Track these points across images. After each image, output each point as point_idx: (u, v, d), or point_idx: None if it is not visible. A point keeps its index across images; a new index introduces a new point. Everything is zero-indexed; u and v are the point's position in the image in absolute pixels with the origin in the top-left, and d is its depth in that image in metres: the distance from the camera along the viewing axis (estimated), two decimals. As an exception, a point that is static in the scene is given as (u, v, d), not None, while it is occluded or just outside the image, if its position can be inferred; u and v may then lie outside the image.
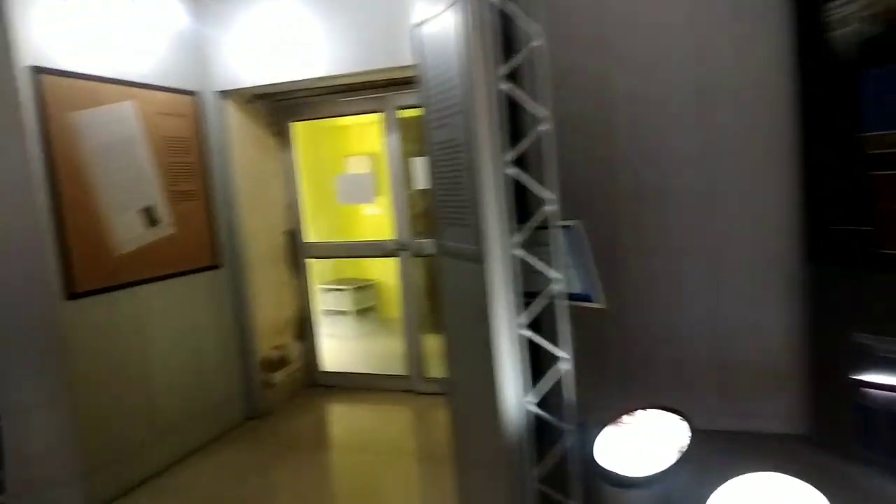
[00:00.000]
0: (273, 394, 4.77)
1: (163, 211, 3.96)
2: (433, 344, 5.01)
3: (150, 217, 3.86)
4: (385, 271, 7.12)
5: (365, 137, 7.18)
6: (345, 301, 6.85)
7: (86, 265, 3.44)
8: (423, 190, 4.97)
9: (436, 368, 4.89)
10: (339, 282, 6.95)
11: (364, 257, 5.25)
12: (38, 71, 3.24)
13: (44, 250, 3.24)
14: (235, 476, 3.74)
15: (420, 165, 4.78)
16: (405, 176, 4.77)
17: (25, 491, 3.22)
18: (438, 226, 2.64)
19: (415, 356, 4.87)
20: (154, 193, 3.91)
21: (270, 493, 3.55)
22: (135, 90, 3.80)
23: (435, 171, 2.58)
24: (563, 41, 2.81)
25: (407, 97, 4.63)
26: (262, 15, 4.27)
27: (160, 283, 3.92)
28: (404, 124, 4.76)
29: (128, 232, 3.70)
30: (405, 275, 4.85)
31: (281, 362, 4.92)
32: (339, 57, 4.10)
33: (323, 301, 6.58)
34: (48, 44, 3.31)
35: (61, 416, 3.30)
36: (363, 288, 7.03)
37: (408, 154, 4.82)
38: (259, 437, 4.31)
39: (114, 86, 3.66)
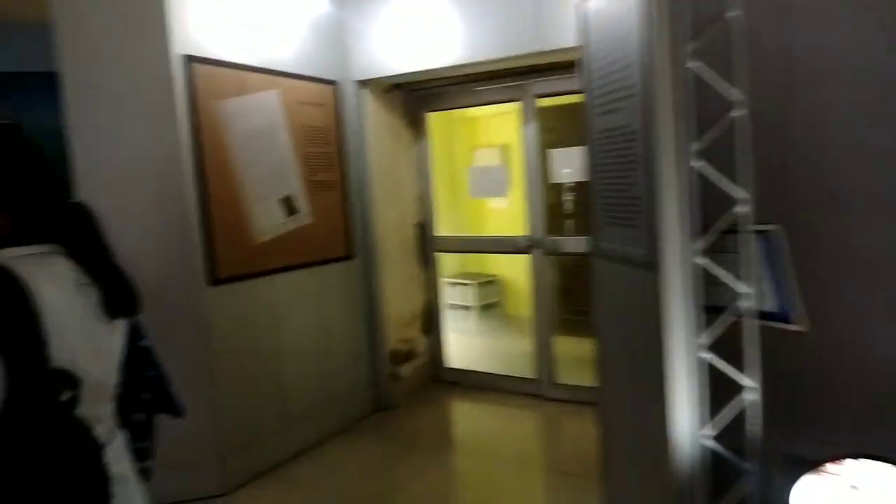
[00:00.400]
0: (399, 387, 4.70)
1: (301, 200, 3.95)
2: (565, 347, 4.73)
3: (290, 206, 3.87)
4: (509, 267, 6.90)
5: (494, 129, 6.97)
6: (468, 296, 6.70)
7: (228, 252, 3.48)
8: (561, 184, 4.69)
9: (567, 374, 4.60)
10: (463, 276, 6.81)
11: (494, 253, 5.04)
12: (191, 59, 3.29)
13: (191, 235, 3.30)
14: (359, 472, 3.67)
15: (558, 158, 4.49)
16: (541, 169, 4.51)
17: (167, 473, 3.31)
18: (596, 224, 2.36)
19: (544, 359, 4.61)
20: (294, 183, 3.91)
21: (392, 493, 3.44)
22: (279, 79, 3.80)
23: (596, 163, 2.30)
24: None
25: (547, 84, 4.36)
26: (402, 0, 4.15)
27: (296, 273, 3.92)
28: (542, 114, 4.50)
29: (268, 220, 3.72)
30: (537, 273, 4.59)
31: (408, 356, 4.83)
32: (479, 43, 3.90)
33: (447, 295, 6.47)
34: (199, 32, 3.36)
35: (202, 400, 3.36)
36: (487, 283, 6.85)
37: (545, 145, 4.55)
38: (384, 432, 4.24)
39: (260, 74, 3.68)
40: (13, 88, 4.90)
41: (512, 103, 4.67)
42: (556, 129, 4.83)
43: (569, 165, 4.36)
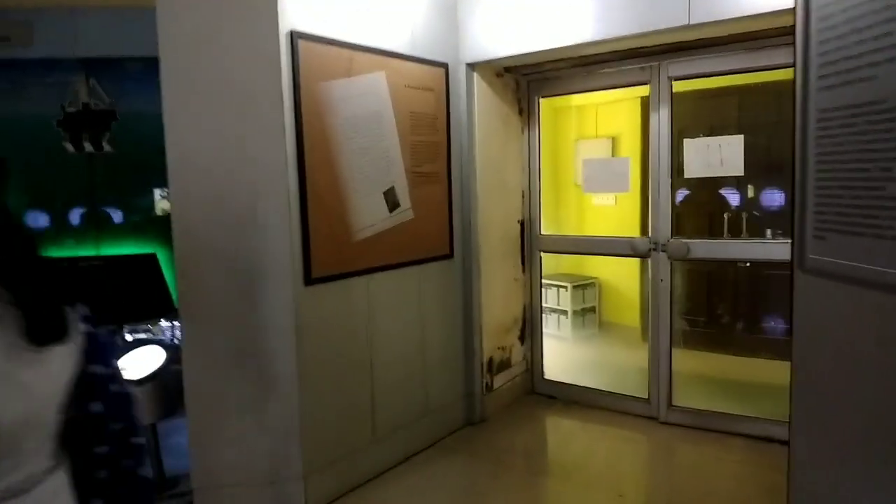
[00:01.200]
0: (493, 399, 4.32)
1: (403, 194, 3.61)
2: (686, 363, 4.22)
3: (392, 200, 3.53)
4: (610, 269, 6.39)
5: (603, 117, 6.44)
6: (563, 299, 6.24)
7: (325, 249, 3.17)
8: (698, 179, 4.16)
9: (687, 395, 4.10)
10: (558, 277, 6.35)
11: (606, 255, 4.56)
12: (297, 36, 2.98)
13: (289, 230, 3.01)
14: (448, 495, 3.32)
15: (696, 149, 3.95)
16: (672, 162, 3.98)
17: (242, 491, 3.06)
18: (806, 231, 1.87)
19: (660, 376, 4.11)
20: (397, 175, 3.57)
21: (500, 528, 3.07)
22: (387, 60, 3.46)
23: (815, 153, 1.81)
24: None
25: (686, 65, 3.84)
26: (523, -26, 3.72)
27: (393, 272, 3.59)
28: (677, 99, 3.97)
29: (368, 215, 3.39)
30: (657, 279, 4.09)
31: (503, 365, 4.45)
32: (614, 16, 3.42)
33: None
34: (306, 7, 3.05)
35: (288, 410, 3.08)
36: (584, 286, 6.36)
37: (679, 135, 4.02)
38: (476, 449, 3.88)
39: (367, 54, 3.34)
40: (114, 74, 4.79)
41: (634, 88, 4.18)
42: (694, 115, 4.29)
43: (710, 158, 3.82)
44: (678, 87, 3.99)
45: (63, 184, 4.82)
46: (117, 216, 4.96)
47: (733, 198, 5.26)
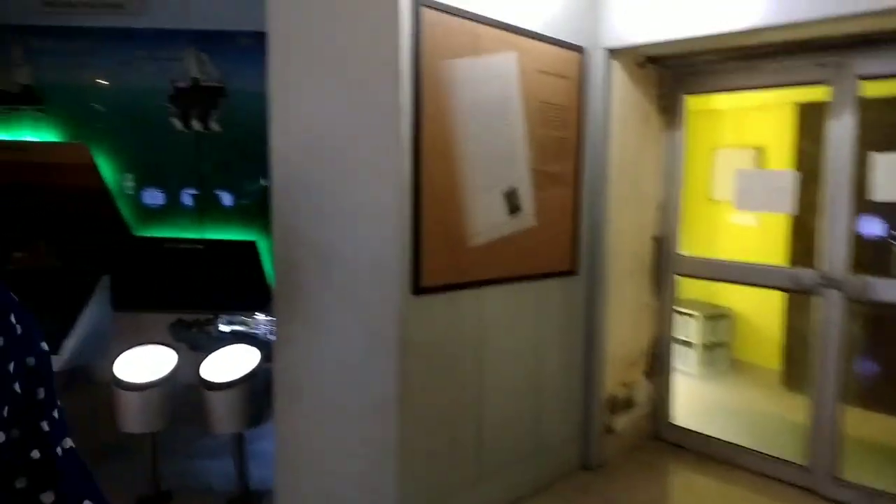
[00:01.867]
0: (612, 442, 3.72)
1: (526, 196, 3.10)
2: (861, 427, 3.45)
3: (512, 202, 3.04)
4: (746, 299, 5.56)
5: (748, 125, 5.64)
6: (691, 330, 5.49)
7: (437, 254, 2.72)
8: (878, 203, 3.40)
9: (860, 467, 3.33)
10: (685, 304, 5.60)
11: (757, 286, 3.85)
12: (420, 4, 2.54)
13: (400, 227, 2.58)
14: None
15: (889, 166, 3.19)
16: (855, 179, 3.24)
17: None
18: None
19: (826, 440, 3.36)
20: (521, 173, 3.07)
21: None
22: (518, 39, 2.97)
23: None
24: None
25: (878, 62, 3.10)
26: (690, -57, 3.12)
27: (510, 287, 3.10)
28: (864, 104, 3.22)
29: (486, 218, 2.91)
30: (828, 322, 3.34)
31: (626, 404, 3.83)
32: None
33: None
34: (436, -30, 2.61)
35: (385, 437, 2.64)
36: (716, 317, 5.58)
37: (866, 147, 3.27)
38: (590, 499, 3.30)
39: (497, 31, 2.87)
40: (225, 48, 4.60)
41: (786, 92, 3.45)
42: (888, 125, 3.52)
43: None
44: (867, 89, 3.24)
45: (172, 162, 4.70)
46: (225, 199, 4.77)
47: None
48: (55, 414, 0.98)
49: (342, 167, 2.61)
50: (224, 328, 4.43)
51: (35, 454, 0.97)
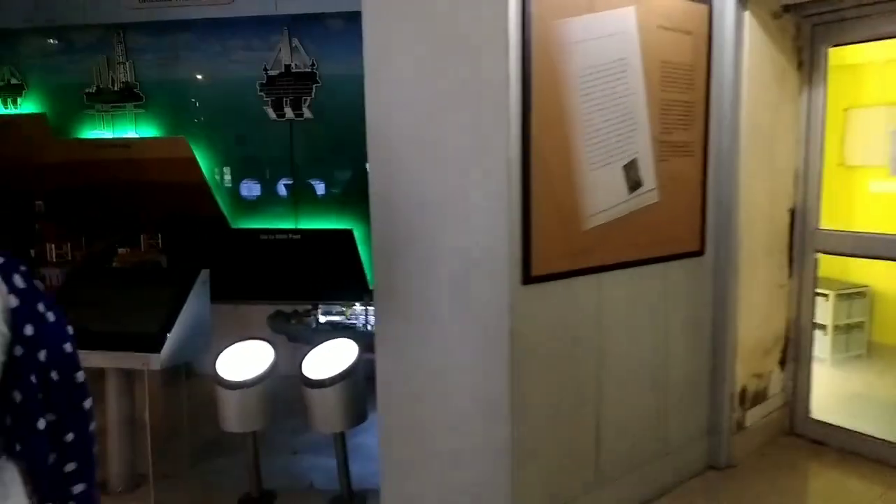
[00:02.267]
0: (743, 440, 3.34)
1: (647, 169, 2.77)
2: None
3: (633, 177, 2.71)
4: (884, 274, 4.93)
5: (889, 81, 4.96)
6: (822, 310, 4.91)
7: (549, 238, 2.45)
8: None
9: None
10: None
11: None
12: (528, -43, 2.25)
13: (508, 208, 2.33)
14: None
15: None
16: None
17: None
18: None
19: None
20: (641, 143, 2.73)
21: None
22: (637, -9, 2.62)
23: None
24: None
25: None
26: None
27: (629, 271, 2.78)
28: None
29: (604, 196, 2.61)
30: None
31: (759, 397, 3.43)
32: None
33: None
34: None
35: (497, 439, 2.42)
36: (852, 295, 4.98)
37: None
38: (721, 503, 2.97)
39: (614, -17, 2.53)
40: (315, 32, 4.47)
41: None
42: None
43: None
44: None
45: (266, 152, 4.66)
46: (319, 188, 4.68)
47: None
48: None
49: (444, 148, 2.38)
50: (322, 318, 4.36)
51: (69, 437, 1.04)
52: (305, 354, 3.03)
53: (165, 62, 4.70)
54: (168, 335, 2.92)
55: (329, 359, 2.99)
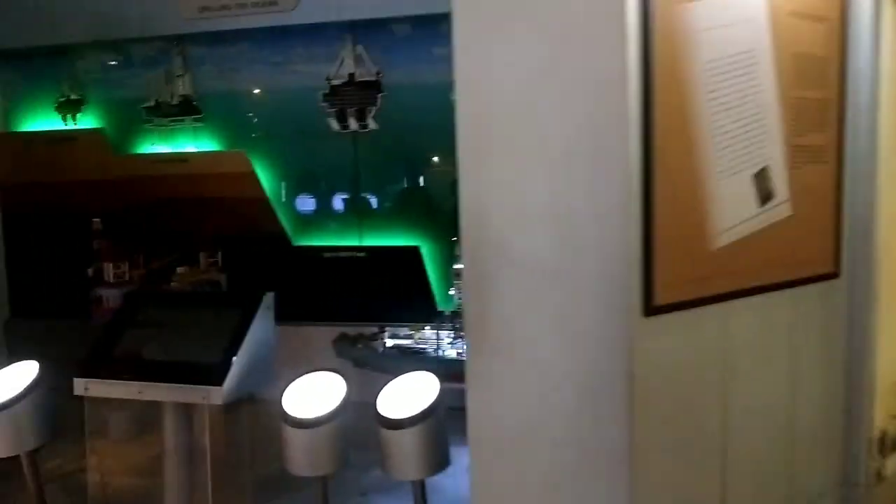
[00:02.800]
0: (881, 492, 2.86)
1: (779, 178, 2.37)
2: None
3: (763, 188, 2.32)
4: None
5: None
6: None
7: (674, 262, 2.08)
8: None
9: None
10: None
11: None
12: (650, -70, 1.90)
13: (627, 224, 1.97)
14: None
15: None
16: None
17: None
18: None
19: None
20: (772, 149, 2.34)
21: None
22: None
23: None
24: None
25: None
26: None
27: (756, 299, 2.37)
28: None
29: (733, 210, 2.22)
30: None
31: (898, 442, 2.95)
32: None
33: None
34: None
35: (616, 487, 2.06)
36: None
37: None
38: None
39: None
40: (380, 38, 4.21)
41: None
42: None
43: None
44: None
45: (329, 166, 4.41)
46: (384, 202, 4.40)
47: None
48: None
49: (551, 158, 2.05)
50: (389, 342, 4.07)
51: None
52: (373, 382, 2.73)
53: (224, 73, 4.53)
54: (230, 366, 2.66)
55: (406, 394, 2.68)
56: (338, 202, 4.43)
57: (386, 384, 2.72)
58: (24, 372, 2.96)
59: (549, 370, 2.11)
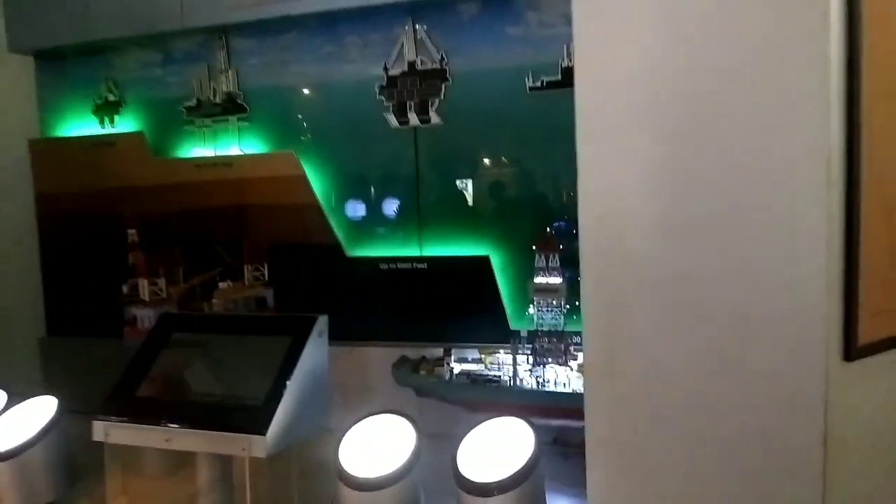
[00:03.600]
0: None
1: None
2: None
3: None
4: None
5: None
6: None
7: (883, 289, 1.47)
8: None
9: None
10: None
11: None
12: None
13: (822, 250, 1.39)
14: None
15: None
16: None
17: None
18: None
19: None
20: None
21: None
22: None
23: None
24: None
25: None
26: None
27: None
28: None
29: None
30: None
31: None
32: None
33: None
34: None
35: None
36: None
37: None
38: None
39: None
40: (444, 20, 3.68)
41: None
42: None
43: None
44: None
45: (386, 166, 3.91)
46: (448, 205, 3.86)
47: None
48: None
49: (711, 146, 1.48)
50: (456, 368, 3.53)
51: None
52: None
53: (271, 67, 4.08)
54: (276, 410, 2.16)
55: (492, 446, 2.13)
56: (399, 206, 3.92)
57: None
58: (41, 408, 2.56)
59: (709, 430, 1.54)
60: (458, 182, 3.83)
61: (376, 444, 2.21)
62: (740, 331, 1.47)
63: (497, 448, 2.13)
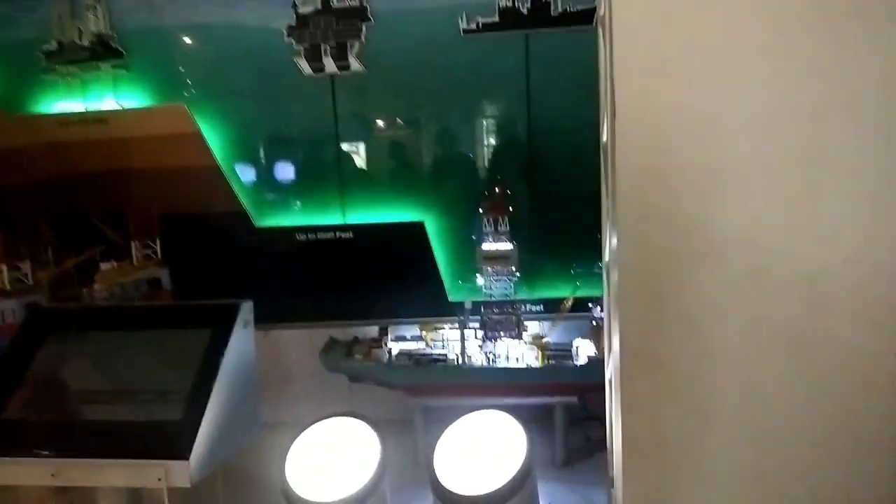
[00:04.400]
0: None
1: None
2: None
3: None
4: None
5: None
6: None
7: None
8: None
9: None
10: None
11: None
12: None
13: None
14: None
15: None
16: None
17: None
18: None
19: None
20: None
21: None
22: None
23: None
24: None
25: None
26: None
27: None
28: None
29: None
30: None
31: None
32: None
33: None
34: None
35: None
36: None
37: None
38: None
39: None
40: None
41: None
42: None
43: None
44: None
45: (296, 121, 3.39)
46: (375, 167, 3.42)
47: None
48: None
49: (781, 80, 1.17)
50: (395, 347, 3.15)
51: None
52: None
53: (152, 2, 3.40)
54: (199, 425, 1.69)
55: (473, 447, 1.79)
56: (311, 168, 3.43)
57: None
58: None
59: (772, 423, 1.26)
60: (383, 138, 3.40)
61: (330, 456, 1.81)
62: (812, 306, 1.21)
63: (479, 449, 1.79)
